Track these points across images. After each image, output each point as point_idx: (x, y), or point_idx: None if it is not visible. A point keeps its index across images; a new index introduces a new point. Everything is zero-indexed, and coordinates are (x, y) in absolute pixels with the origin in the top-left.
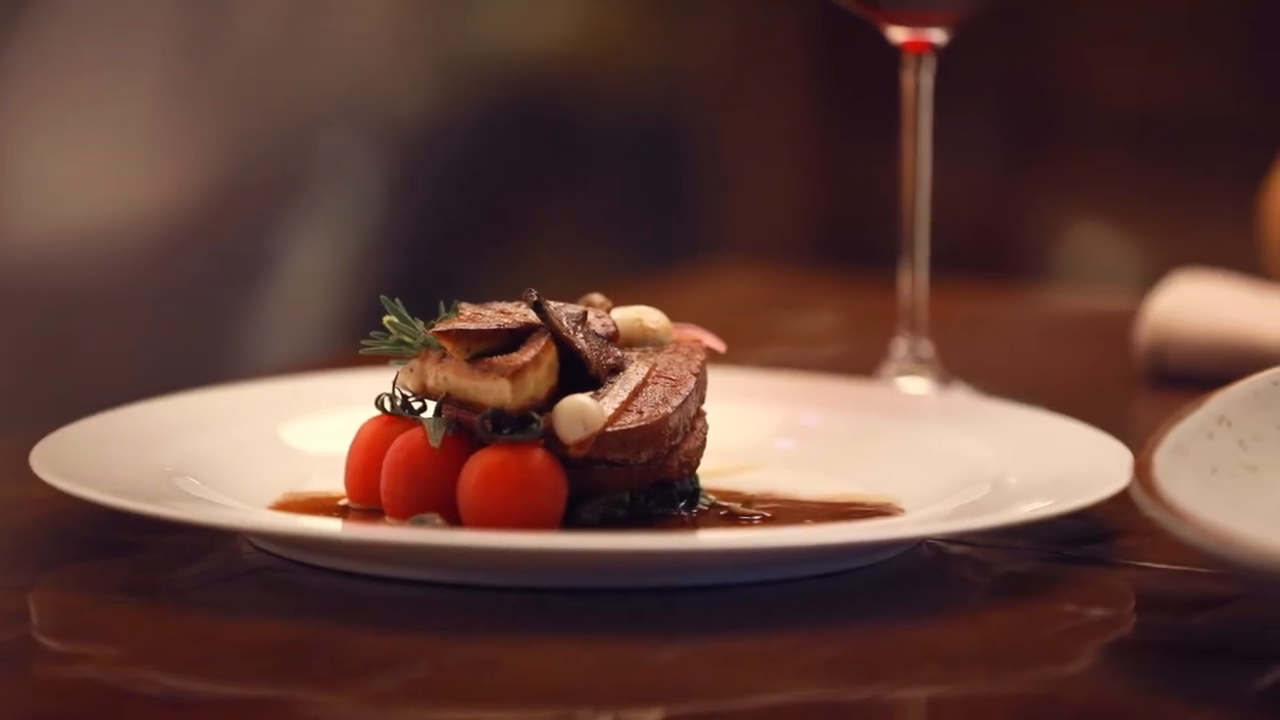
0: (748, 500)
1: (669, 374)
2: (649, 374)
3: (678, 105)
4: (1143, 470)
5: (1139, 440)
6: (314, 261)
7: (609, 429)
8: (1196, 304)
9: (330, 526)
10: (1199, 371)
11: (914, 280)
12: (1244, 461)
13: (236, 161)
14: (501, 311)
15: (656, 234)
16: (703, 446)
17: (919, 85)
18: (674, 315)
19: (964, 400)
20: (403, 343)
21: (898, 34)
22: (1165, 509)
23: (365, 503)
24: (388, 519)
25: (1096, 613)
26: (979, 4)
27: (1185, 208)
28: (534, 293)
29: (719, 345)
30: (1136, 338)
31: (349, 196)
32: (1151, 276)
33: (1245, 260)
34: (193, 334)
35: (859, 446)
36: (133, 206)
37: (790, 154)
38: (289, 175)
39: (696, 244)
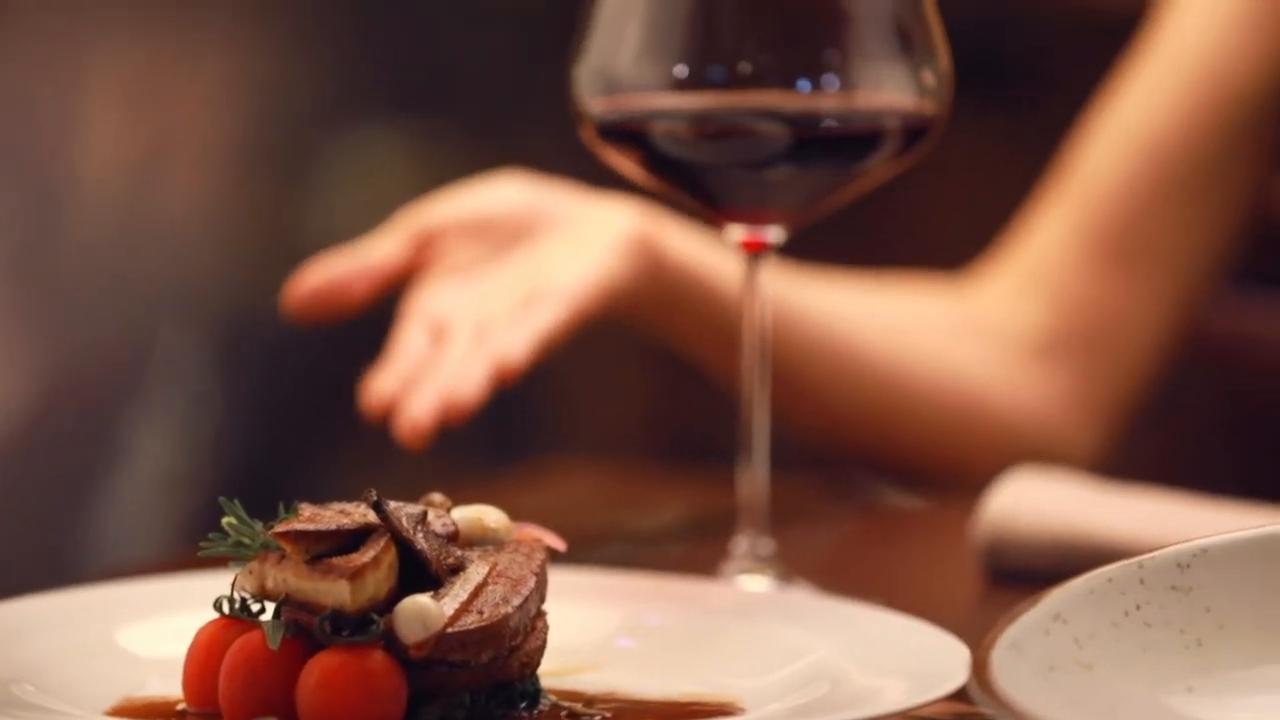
0: (589, 700)
1: (509, 574)
2: (489, 574)
3: None
4: (980, 668)
5: (977, 637)
6: (152, 464)
7: (449, 629)
8: (1032, 501)
9: None
10: (1036, 568)
11: (753, 478)
12: (1079, 659)
13: (71, 366)
14: (341, 512)
15: (499, 433)
16: (543, 646)
17: (756, 284)
18: (514, 514)
19: (804, 598)
20: (241, 544)
21: (735, 233)
22: (1002, 706)
23: (204, 707)
24: None
25: None
26: (815, 205)
27: None
28: (373, 493)
29: (559, 544)
30: (973, 534)
31: (187, 398)
32: (994, 472)
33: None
34: (29, 539)
35: (700, 645)
36: None
37: (632, 349)
38: (126, 378)
39: (538, 443)
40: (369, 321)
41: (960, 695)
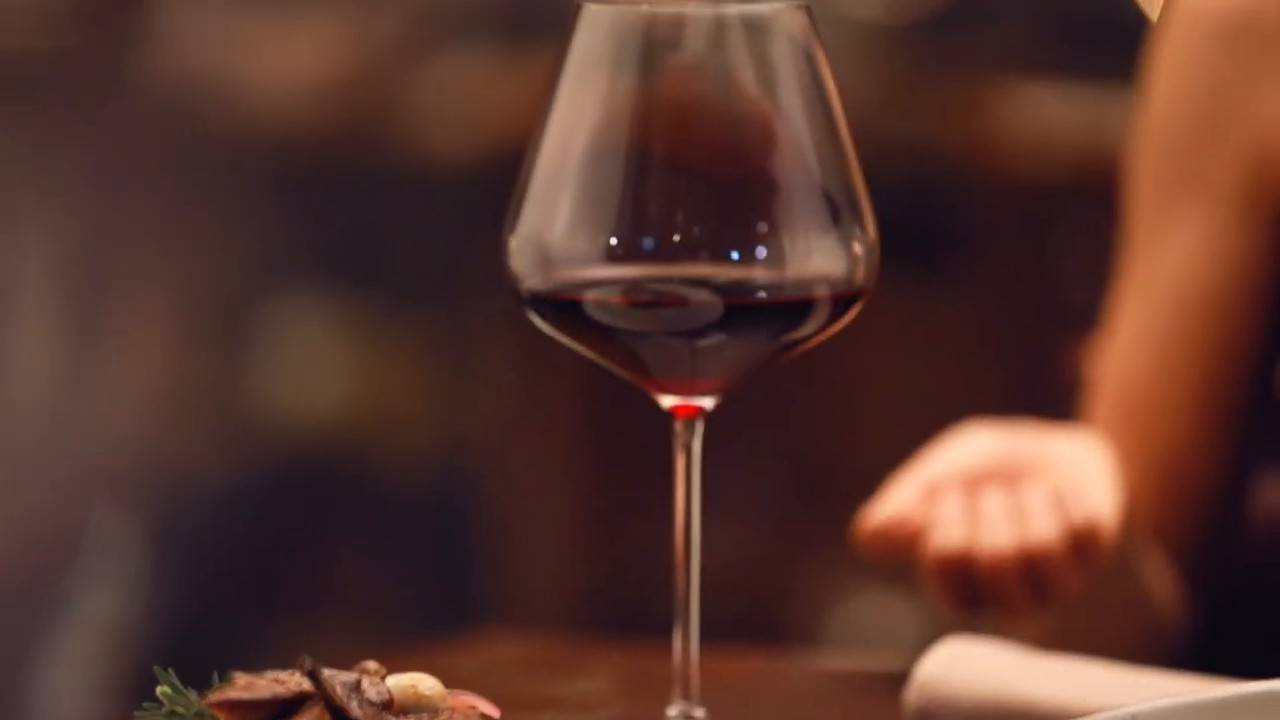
0: None
1: None
2: None
3: (455, 474)
4: None
5: None
6: (86, 633)
7: None
8: (964, 666)
9: None
10: None
11: (686, 644)
12: None
13: (6, 536)
14: (276, 680)
15: (434, 600)
16: None
17: (689, 451)
18: (449, 681)
19: None
20: (176, 713)
21: (667, 400)
22: None
23: None
24: None
25: None
26: (747, 371)
27: None
28: (308, 660)
29: (493, 711)
30: (906, 700)
31: (124, 566)
32: (926, 639)
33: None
34: None
35: None
36: None
37: (566, 519)
38: (62, 545)
39: (474, 610)
40: (303, 495)
41: None
